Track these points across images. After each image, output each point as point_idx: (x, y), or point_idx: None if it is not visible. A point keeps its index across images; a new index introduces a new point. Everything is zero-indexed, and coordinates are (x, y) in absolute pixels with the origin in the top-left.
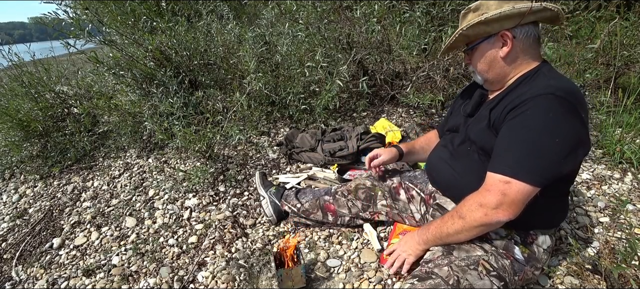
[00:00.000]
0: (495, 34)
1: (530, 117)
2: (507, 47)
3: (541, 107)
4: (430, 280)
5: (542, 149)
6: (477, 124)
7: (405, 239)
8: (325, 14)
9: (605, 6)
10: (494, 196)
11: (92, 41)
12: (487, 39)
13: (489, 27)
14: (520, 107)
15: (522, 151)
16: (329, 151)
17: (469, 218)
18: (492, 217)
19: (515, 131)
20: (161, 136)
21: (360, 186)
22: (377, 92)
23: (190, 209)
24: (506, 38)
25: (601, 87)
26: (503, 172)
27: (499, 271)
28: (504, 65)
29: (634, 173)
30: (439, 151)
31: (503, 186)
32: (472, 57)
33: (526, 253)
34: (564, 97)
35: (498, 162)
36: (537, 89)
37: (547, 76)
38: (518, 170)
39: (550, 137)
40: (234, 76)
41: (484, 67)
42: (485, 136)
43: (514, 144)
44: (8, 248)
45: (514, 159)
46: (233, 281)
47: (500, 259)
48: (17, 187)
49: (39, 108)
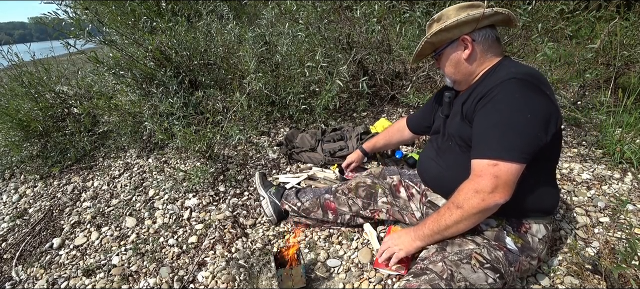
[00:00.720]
0: (457, 39)
1: (499, 102)
2: (468, 50)
3: (507, 91)
4: (425, 276)
5: (518, 126)
6: (453, 120)
7: (399, 234)
8: (325, 14)
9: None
10: (487, 180)
11: (92, 41)
12: (451, 44)
13: (450, 33)
14: (488, 95)
15: (500, 132)
16: (329, 151)
17: (466, 206)
18: (489, 201)
19: (489, 116)
20: (161, 136)
21: (361, 184)
22: (377, 92)
23: (190, 209)
24: (466, 42)
25: (601, 87)
26: (487, 157)
27: (493, 263)
28: (468, 65)
29: (634, 173)
30: (426, 151)
31: (493, 168)
32: (440, 61)
33: (520, 243)
34: (524, 78)
35: (480, 148)
36: (500, 78)
37: (507, 66)
38: (501, 151)
39: (522, 114)
40: (234, 76)
41: (451, 69)
42: (461, 128)
43: (490, 129)
44: (8, 248)
45: (495, 142)
46: (233, 281)
47: (493, 251)
48: (17, 187)
49: (39, 108)
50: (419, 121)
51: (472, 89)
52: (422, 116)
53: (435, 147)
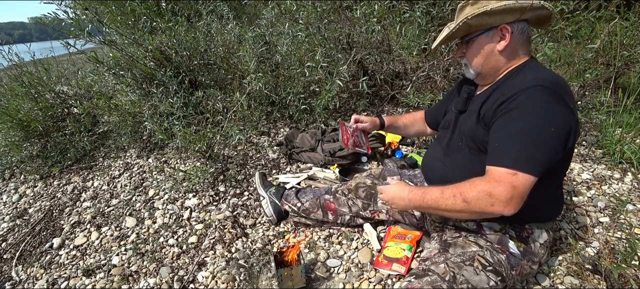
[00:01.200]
0: (495, 27)
1: (523, 109)
2: (505, 41)
3: (533, 99)
4: (427, 277)
5: (540, 139)
6: (468, 119)
7: (395, 195)
8: (325, 14)
9: (605, 6)
10: (505, 189)
11: (92, 41)
12: (486, 32)
13: (492, 19)
14: (512, 100)
15: (522, 142)
16: (329, 151)
17: (474, 204)
18: (498, 209)
19: (511, 124)
20: (161, 136)
21: (361, 185)
22: (377, 92)
23: (190, 209)
24: (506, 32)
25: (601, 87)
26: (506, 165)
27: (495, 266)
28: (500, 59)
29: (634, 173)
30: (432, 150)
31: (511, 177)
32: (469, 49)
33: (522, 247)
34: (551, 87)
35: (500, 155)
36: (526, 82)
37: (533, 69)
38: (522, 161)
39: (546, 127)
40: (234, 76)
41: (479, 61)
42: (475, 130)
43: (512, 136)
44: (8, 248)
45: (515, 151)
46: (233, 281)
47: (495, 254)
48: (17, 187)
49: (39, 108)
50: (437, 114)
51: (493, 89)
52: (440, 109)
53: (443, 146)
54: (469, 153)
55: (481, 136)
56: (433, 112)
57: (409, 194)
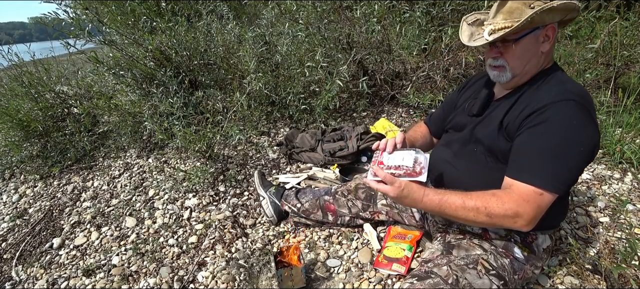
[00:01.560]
0: (543, 27)
1: (553, 125)
2: (549, 44)
3: (564, 115)
4: (430, 279)
5: (569, 159)
6: (487, 126)
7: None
8: (325, 14)
9: (605, 6)
10: (531, 209)
11: (92, 41)
12: (534, 31)
13: (549, 16)
14: (540, 112)
15: (551, 161)
16: (329, 151)
17: (496, 220)
18: (519, 226)
19: (540, 139)
20: (161, 136)
21: (360, 186)
22: (377, 92)
23: (190, 209)
24: (551, 33)
25: (601, 87)
26: (534, 184)
27: (498, 270)
28: (538, 62)
29: (634, 173)
30: (440, 151)
31: (538, 198)
32: (509, 50)
33: (526, 252)
34: (582, 102)
35: (527, 171)
36: (556, 94)
37: (560, 79)
38: (550, 181)
39: (576, 147)
40: (234, 76)
41: (521, 63)
42: (495, 139)
43: (541, 154)
44: (8, 248)
45: (544, 170)
46: (233, 281)
47: (499, 258)
48: (17, 187)
49: (39, 108)
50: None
51: (517, 96)
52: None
53: (453, 149)
54: (484, 160)
55: (502, 146)
56: (436, 122)
57: (424, 199)
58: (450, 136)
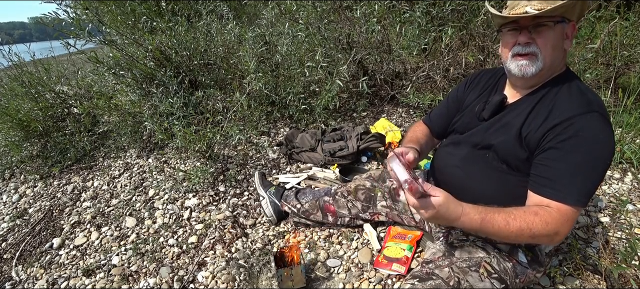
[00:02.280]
0: (569, 22)
1: (584, 141)
2: (569, 40)
3: (593, 128)
4: (431, 281)
5: (597, 174)
6: (502, 133)
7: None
8: (325, 14)
9: (605, 6)
10: (570, 227)
11: (92, 41)
12: (563, 23)
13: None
14: (567, 126)
15: (584, 177)
16: (329, 151)
17: (536, 237)
18: (555, 242)
19: (571, 155)
20: (161, 136)
21: (360, 187)
22: (377, 92)
23: (190, 209)
24: (573, 30)
25: (601, 87)
26: (570, 203)
27: (501, 274)
28: (561, 60)
29: (634, 173)
30: (446, 154)
31: (574, 214)
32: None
33: (529, 256)
34: (604, 114)
35: (563, 191)
36: (579, 105)
37: (578, 87)
38: (582, 199)
39: (603, 162)
40: (234, 76)
41: (552, 52)
42: (512, 147)
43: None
44: (8, 248)
45: (578, 188)
46: (233, 281)
47: (502, 261)
48: (17, 187)
49: (39, 108)
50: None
51: (534, 103)
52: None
53: (462, 153)
54: (496, 166)
55: (519, 155)
56: (439, 122)
57: (462, 218)
58: (457, 138)
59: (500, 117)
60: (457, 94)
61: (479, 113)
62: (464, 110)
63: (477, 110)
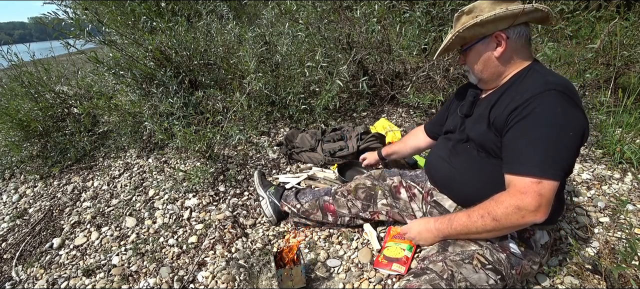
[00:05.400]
0: (490, 35)
1: (539, 115)
2: (501, 48)
3: (548, 104)
4: (425, 276)
5: (561, 144)
6: (477, 124)
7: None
8: (325, 14)
9: (605, 6)
10: (532, 199)
11: (92, 41)
12: (482, 40)
13: (484, 28)
14: (525, 106)
15: (544, 148)
16: (329, 151)
17: (504, 221)
18: (529, 219)
19: (529, 131)
20: (161, 136)
21: (360, 186)
22: (377, 92)
23: (190, 209)
24: (500, 39)
25: (601, 87)
26: (531, 174)
27: (495, 264)
28: (499, 64)
29: (634, 173)
30: (437, 150)
31: (537, 186)
32: (468, 57)
33: (523, 247)
34: (564, 91)
35: (522, 164)
36: (537, 86)
37: (541, 73)
38: (545, 169)
39: (565, 131)
40: (234, 75)
41: (479, 67)
42: (486, 136)
43: (532, 144)
44: (8, 248)
45: (538, 159)
46: (233, 281)
47: (495, 252)
48: (17, 187)
49: (39, 108)
50: (437, 124)
51: (500, 93)
52: (440, 118)
53: (448, 147)
54: (477, 156)
55: (492, 140)
56: (433, 123)
57: (435, 224)
58: (446, 137)
59: (476, 111)
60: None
61: (460, 110)
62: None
63: (459, 109)
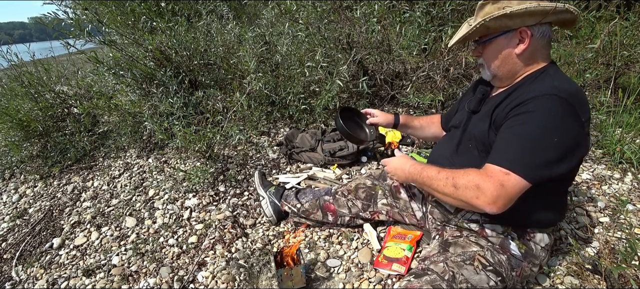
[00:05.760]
0: (514, 30)
1: (531, 115)
2: (523, 45)
3: (543, 106)
4: (426, 277)
5: (540, 146)
6: (480, 122)
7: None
8: (325, 14)
9: (605, 6)
10: (493, 185)
11: (92, 41)
12: (505, 34)
13: (511, 21)
14: (524, 105)
15: (521, 146)
16: (329, 151)
17: (460, 192)
18: (481, 203)
19: (517, 127)
20: (161, 136)
21: (361, 186)
22: (377, 92)
23: (190, 209)
24: (525, 35)
25: (601, 87)
26: (501, 164)
27: (495, 266)
28: (517, 62)
29: (634, 173)
30: (441, 148)
31: (503, 176)
32: (485, 50)
33: (523, 249)
34: (566, 99)
35: (498, 155)
36: (541, 89)
37: (552, 76)
38: (516, 164)
39: (549, 136)
40: (234, 75)
41: (496, 63)
42: (487, 135)
43: (514, 139)
44: (8, 248)
45: (513, 153)
46: (233, 281)
47: (496, 254)
48: (17, 187)
49: (39, 108)
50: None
51: (508, 93)
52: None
53: (453, 145)
54: (478, 156)
55: (492, 139)
56: (447, 116)
57: (410, 167)
58: (452, 132)
59: (482, 109)
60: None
61: (468, 106)
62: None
63: (467, 105)
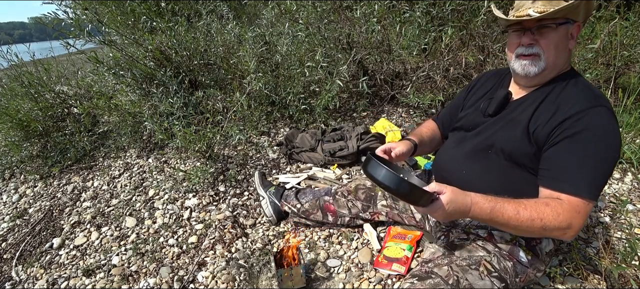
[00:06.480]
0: (574, 22)
1: (593, 134)
2: (573, 41)
3: (600, 123)
4: (430, 280)
5: (607, 167)
6: (508, 129)
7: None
8: (325, 14)
9: (605, 6)
10: (582, 220)
11: (92, 41)
12: (568, 24)
13: (581, 12)
14: (577, 120)
15: (595, 171)
16: (329, 151)
17: (548, 230)
18: (568, 237)
19: (582, 149)
20: (161, 136)
21: (361, 187)
22: (377, 92)
23: (190, 209)
24: (576, 32)
25: (601, 87)
26: (582, 195)
27: (501, 273)
28: (565, 58)
29: (634, 173)
30: (449, 150)
31: (587, 208)
32: (545, 37)
33: (530, 255)
34: (611, 109)
35: (574, 183)
36: (587, 100)
37: (583, 84)
38: (593, 191)
39: (612, 155)
40: (234, 75)
41: (555, 53)
42: (519, 143)
43: (584, 164)
44: (8, 248)
45: (588, 180)
46: (233, 281)
47: (502, 260)
48: (17, 187)
49: (39, 108)
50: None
51: (541, 99)
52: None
53: (464, 150)
54: (499, 163)
55: (527, 150)
56: (445, 122)
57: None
58: (461, 135)
59: (506, 114)
60: (460, 97)
61: (484, 110)
62: (469, 108)
63: (482, 107)
